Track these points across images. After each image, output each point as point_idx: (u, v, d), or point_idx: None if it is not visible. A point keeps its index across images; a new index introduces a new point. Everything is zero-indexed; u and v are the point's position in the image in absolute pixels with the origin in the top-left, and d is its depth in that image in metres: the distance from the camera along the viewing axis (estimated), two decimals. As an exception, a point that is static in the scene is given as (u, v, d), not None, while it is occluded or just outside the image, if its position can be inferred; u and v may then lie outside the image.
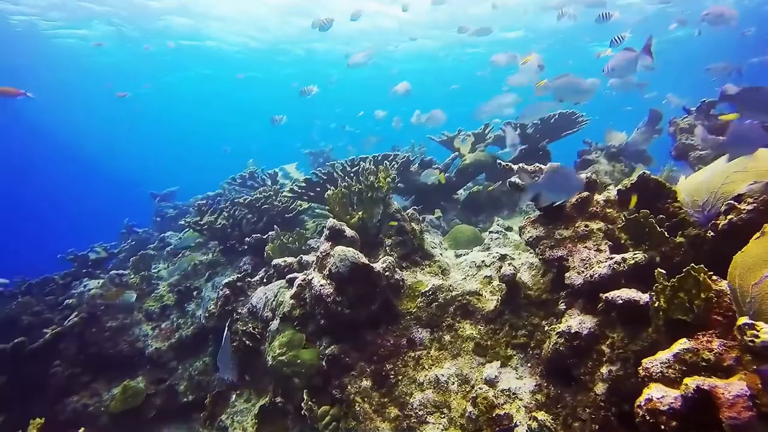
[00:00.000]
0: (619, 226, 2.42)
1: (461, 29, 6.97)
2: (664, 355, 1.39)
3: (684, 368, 1.34)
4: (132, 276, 5.38)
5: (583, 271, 2.17)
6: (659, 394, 1.27)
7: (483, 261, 3.13)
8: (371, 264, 2.70)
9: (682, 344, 1.38)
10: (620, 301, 1.78)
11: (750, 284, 1.17)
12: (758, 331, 0.95)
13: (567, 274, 2.22)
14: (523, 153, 4.48)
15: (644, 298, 1.74)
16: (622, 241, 2.38)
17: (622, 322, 1.88)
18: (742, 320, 1.00)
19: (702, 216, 2.10)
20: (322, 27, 5.39)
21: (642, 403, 1.30)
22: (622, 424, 1.80)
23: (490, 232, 3.83)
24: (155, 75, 18.75)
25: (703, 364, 1.31)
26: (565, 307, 2.21)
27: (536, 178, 2.34)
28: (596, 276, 2.04)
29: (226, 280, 4.06)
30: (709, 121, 4.33)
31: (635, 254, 2.00)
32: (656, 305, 1.60)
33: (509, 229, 3.99)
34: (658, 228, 2.16)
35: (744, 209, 1.77)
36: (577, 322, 2.04)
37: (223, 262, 5.36)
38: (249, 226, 5.01)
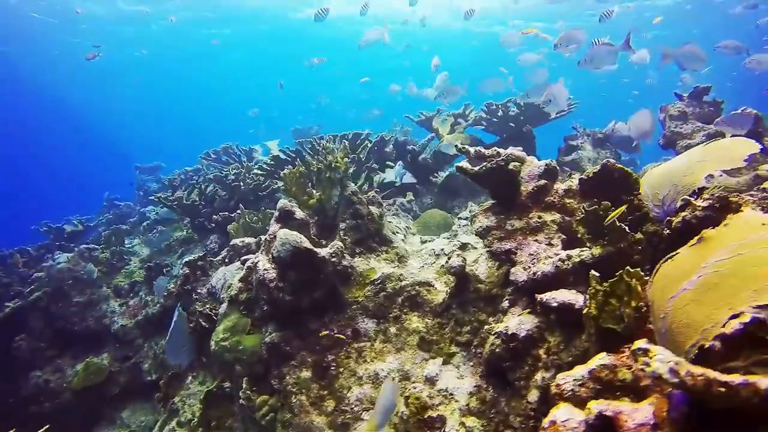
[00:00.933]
0: (577, 218, 2.24)
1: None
2: (579, 370, 1.22)
3: (598, 387, 1.17)
4: (103, 251, 5.27)
5: (529, 267, 2.00)
6: (564, 417, 1.10)
7: (442, 249, 2.96)
8: (315, 249, 2.53)
9: (599, 359, 1.21)
10: (554, 304, 1.61)
11: (667, 297, 1.00)
12: (650, 358, 0.78)
13: (512, 270, 2.04)
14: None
15: (581, 301, 1.57)
16: (579, 235, 2.19)
17: (561, 325, 1.71)
18: (638, 343, 0.83)
19: (661, 211, 1.91)
20: (318, 18, 5.07)
21: (546, 425, 1.13)
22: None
23: (459, 218, 3.65)
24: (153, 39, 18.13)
25: (619, 383, 1.14)
26: (508, 305, 2.04)
27: (484, 166, 2.14)
28: (539, 273, 1.86)
29: (187, 259, 3.93)
30: (701, 108, 4.07)
31: (582, 251, 1.82)
32: (586, 311, 1.43)
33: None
34: (617, 222, 1.97)
35: (699, 206, 1.58)
36: (516, 323, 1.87)
37: (196, 239, 5.23)
38: (221, 204, 4.86)
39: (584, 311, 1.45)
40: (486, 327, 2.18)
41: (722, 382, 0.78)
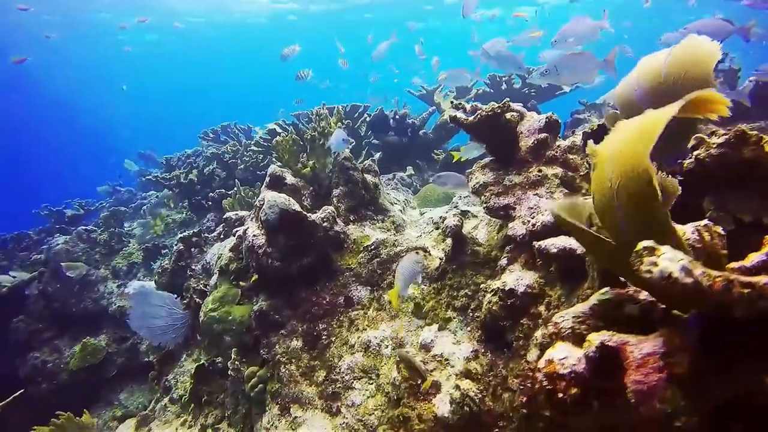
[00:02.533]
0: (581, 174, 2.09)
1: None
2: (580, 307, 1.08)
3: (601, 324, 1.03)
4: (101, 233, 5.20)
5: (528, 221, 1.85)
6: (561, 354, 0.97)
7: (441, 218, 2.82)
8: (304, 213, 2.41)
9: (601, 295, 1.07)
10: (554, 250, 1.47)
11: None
12: (657, 257, 0.64)
13: (510, 225, 1.90)
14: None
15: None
16: (584, 192, 2.05)
17: (563, 277, 1.57)
18: (642, 243, 0.69)
19: (671, 157, 1.75)
20: (300, 79, 4.80)
21: (540, 365, 1.00)
22: (550, 398, 1.51)
23: (460, 190, 3.50)
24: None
25: (625, 320, 1.00)
26: (506, 262, 1.90)
27: (479, 115, 1.99)
28: (538, 225, 1.72)
29: (181, 235, 3.84)
30: (717, 77, 3.87)
31: (586, 197, 1.66)
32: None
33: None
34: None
35: (713, 143, 1.42)
36: (514, 278, 1.73)
37: (195, 220, 5.15)
38: (219, 183, 4.76)
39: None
40: (485, 287, 2.04)
41: (745, 282, 0.64)
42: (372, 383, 2.12)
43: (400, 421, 1.82)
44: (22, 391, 2.14)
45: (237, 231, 2.94)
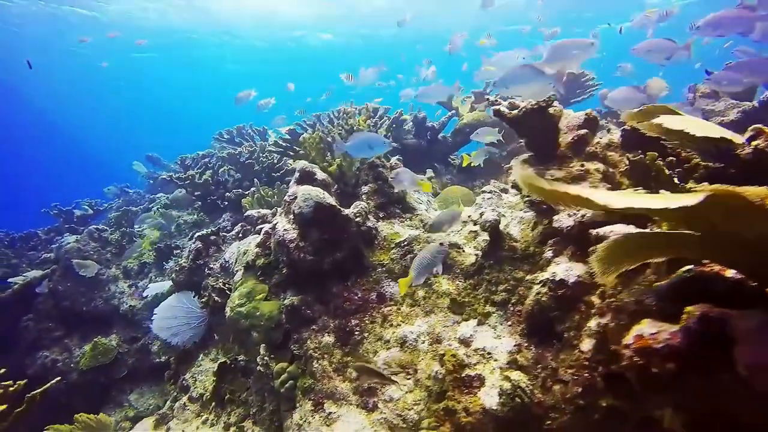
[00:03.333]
0: (621, 170, 2.09)
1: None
2: (658, 285, 1.07)
3: (687, 301, 1.02)
4: (112, 232, 5.16)
5: (574, 213, 1.85)
6: (652, 330, 0.96)
7: (470, 216, 2.81)
8: (339, 206, 2.40)
9: (686, 272, 1.07)
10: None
11: None
12: None
13: (555, 217, 1.89)
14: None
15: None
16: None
17: (617, 266, 1.56)
18: None
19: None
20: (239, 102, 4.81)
21: (629, 342, 0.99)
22: (608, 387, 1.49)
23: (483, 192, 3.50)
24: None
25: (712, 295, 0.99)
26: (552, 254, 1.89)
27: (523, 108, 2.00)
28: (588, 215, 1.72)
29: (199, 233, 3.81)
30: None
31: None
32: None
33: (505, 191, 3.66)
34: (666, 171, 1.82)
35: (776, 131, 1.43)
36: (564, 268, 1.72)
37: (207, 221, 5.12)
38: (234, 184, 4.74)
39: (654, 237, 1.30)
40: (527, 284, 2.03)
41: None
42: (410, 378, 2.10)
43: (446, 414, 1.80)
44: (59, 378, 2.10)
45: (263, 227, 2.92)
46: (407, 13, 7.36)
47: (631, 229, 1.46)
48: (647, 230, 1.39)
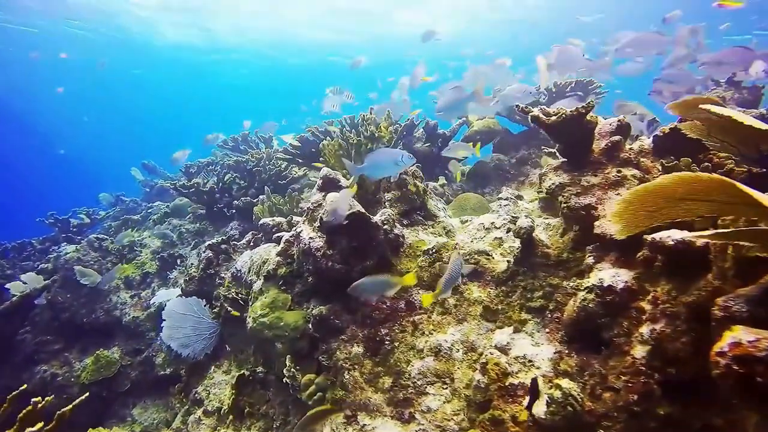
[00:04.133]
0: (655, 176, 2.10)
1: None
2: (751, 289, 1.07)
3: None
4: (112, 242, 5.04)
5: (617, 219, 1.84)
6: (750, 337, 0.94)
7: (493, 223, 2.80)
8: (368, 214, 2.37)
9: (772, 277, 1.06)
10: (671, 242, 1.46)
11: None
12: None
13: (597, 223, 1.89)
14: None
15: (702, 240, 1.41)
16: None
17: (669, 272, 1.56)
18: None
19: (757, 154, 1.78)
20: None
21: (724, 349, 0.97)
22: (666, 393, 1.48)
23: (499, 199, 3.50)
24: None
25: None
26: (593, 260, 1.88)
27: (562, 115, 2.00)
28: (635, 221, 1.71)
29: (210, 242, 3.74)
30: (740, 93, 4.00)
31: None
32: (721, 243, 1.28)
33: (520, 197, 3.67)
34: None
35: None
36: (611, 274, 1.71)
37: (210, 230, 5.03)
38: (239, 192, 4.68)
39: (719, 242, 1.29)
40: (564, 290, 2.02)
41: None
42: (447, 387, 2.06)
43: (492, 424, 1.76)
44: (87, 394, 2.02)
45: (281, 236, 2.87)
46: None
47: (687, 233, 1.45)
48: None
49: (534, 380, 1.73)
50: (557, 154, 2.25)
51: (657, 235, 1.50)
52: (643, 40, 3.63)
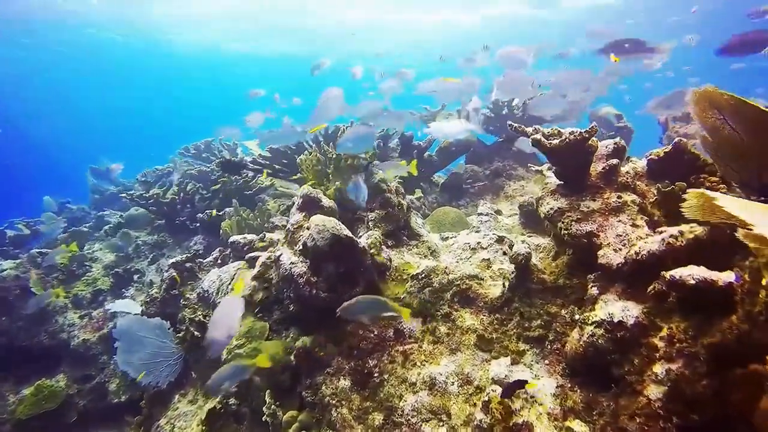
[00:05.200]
0: (651, 200, 2.08)
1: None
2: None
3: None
4: (59, 256, 4.58)
5: (620, 249, 1.79)
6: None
7: (479, 243, 2.71)
8: (356, 239, 2.21)
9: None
10: (693, 282, 1.40)
11: None
12: None
13: (600, 253, 1.83)
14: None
15: (723, 277, 1.37)
16: (656, 218, 2.04)
17: (685, 309, 1.50)
18: None
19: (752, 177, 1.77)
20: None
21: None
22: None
23: (479, 215, 3.44)
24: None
25: None
26: (598, 291, 1.82)
27: (565, 139, 1.93)
28: (644, 253, 1.66)
29: (173, 260, 3.45)
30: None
31: (692, 227, 1.63)
32: (751, 285, 1.22)
33: (499, 212, 3.62)
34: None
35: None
36: (620, 308, 1.65)
37: (170, 243, 4.69)
38: (202, 203, 4.38)
39: (747, 284, 1.24)
40: (563, 319, 1.95)
41: None
42: (443, 425, 1.94)
43: (499, 470, 1.66)
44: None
45: (259, 258, 2.66)
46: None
47: (709, 272, 1.40)
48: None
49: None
50: (553, 175, 2.19)
51: (676, 272, 1.44)
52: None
